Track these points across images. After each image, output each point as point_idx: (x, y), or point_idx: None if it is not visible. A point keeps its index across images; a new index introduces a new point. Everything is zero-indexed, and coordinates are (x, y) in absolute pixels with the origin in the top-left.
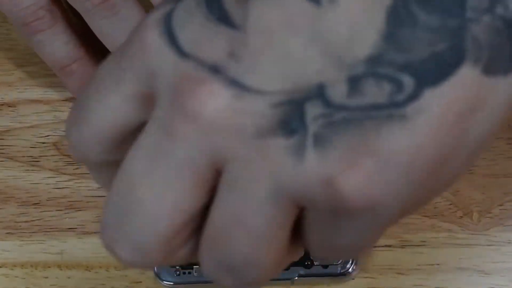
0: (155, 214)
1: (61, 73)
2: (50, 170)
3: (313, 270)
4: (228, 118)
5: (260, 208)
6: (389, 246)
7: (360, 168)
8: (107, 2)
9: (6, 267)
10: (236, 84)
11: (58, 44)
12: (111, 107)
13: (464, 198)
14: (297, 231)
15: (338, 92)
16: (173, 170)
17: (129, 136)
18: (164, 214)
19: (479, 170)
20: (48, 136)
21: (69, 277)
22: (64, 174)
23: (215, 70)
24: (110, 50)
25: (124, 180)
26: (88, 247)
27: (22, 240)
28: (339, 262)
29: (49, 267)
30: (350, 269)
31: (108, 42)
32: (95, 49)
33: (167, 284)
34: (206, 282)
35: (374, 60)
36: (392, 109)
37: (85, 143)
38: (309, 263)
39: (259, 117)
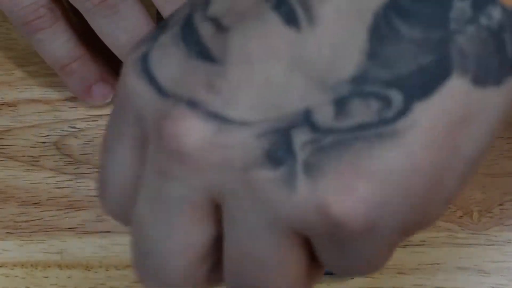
0: (168, 253)
1: (61, 72)
2: (50, 169)
3: None
4: (212, 153)
5: (263, 240)
6: None
7: (353, 191)
8: (107, 1)
9: (6, 266)
10: (216, 117)
11: (58, 43)
12: (121, 161)
13: (464, 197)
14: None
15: (324, 115)
16: (173, 209)
17: None
18: (176, 252)
19: (479, 169)
20: (48, 135)
21: (69, 277)
22: (64, 173)
23: (193, 104)
24: (111, 49)
25: (135, 224)
26: (88, 247)
27: (22, 240)
28: None
29: (49, 266)
30: None
31: (108, 41)
32: (95, 48)
33: None
34: None
35: (359, 79)
36: (382, 126)
37: (116, 207)
38: None
39: (244, 150)
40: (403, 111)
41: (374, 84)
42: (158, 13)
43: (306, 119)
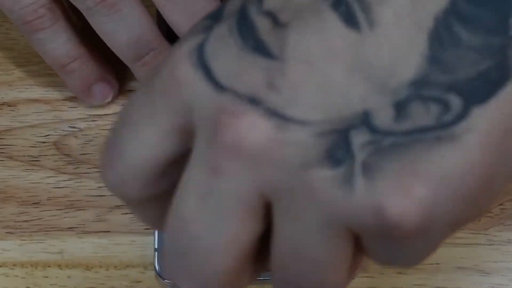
0: (211, 250)
1: (61, 71)
2: (50, 169)
3: None
4: (270, 151)
5: (316, 238)
6: None
7: (411, 193)
8: (108, 0)
9: (6, 266)
10: (276, 115)
11: (58, 42)
12: (147, 142)
13: None
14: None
15: (384, 118)
16: (223, 206)
17: (168, 169)
18: (220, 249)
19: None
20: (48, 135)
21: (69, 277)
22: (64, 173)
23: (254, 102)
24: (111, 48)
25: (177, 220)
26: (88, 247)
27: (22, 240)
28: None
29: (49, 266)
30: None
31: (108, 40)
32: (95, 48)
33: (168, 283)
34: None
35: (419, 83)
36: (441, 130)
37: (124, 182)
38: None
39: (303, 148)
40: (462, 115)
41: (433, 88)
42: (158, 12)
43: (365, 120)
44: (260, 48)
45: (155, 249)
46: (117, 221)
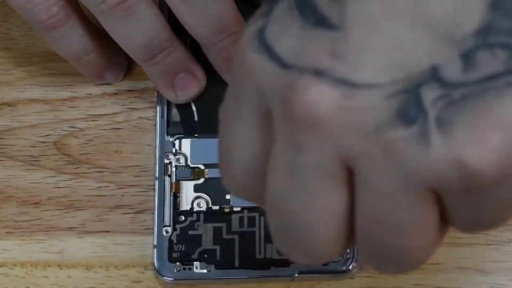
0: (307, 224)
1: (76, 63)
2: (50, 169)
3: (313, 267)
4: (343, 118)
5: (398, 202)
6: None
7: (487, 142)
8: (123, 4)
9: (6, 266)
10: (344, 82)
11: (73, 38)
12: (246, 140)
13: None
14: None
15: (452, 70)
16: (310, 179)
17: None
18: (317, 222)
19: None
20: (48, 135)
21: (69, 276)
22: (64, 173)
23: (318, 73)
24: (123, 49)
25: (272, 198)
26: (88, 247)
27: (22, 240)
28: (339, 260)
29: (49, 266)
30: (350, 267)
31: (122, 42)
32: (110, 38)
33: (167, 280)
34: (206, 278)
35: (484, 31)
36: (510, 75)
37: (244, 185)
38: None
39: (374, 112)
40: None
41: (499, 34)
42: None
43: (434, 75)
44: (320, 22)
45: (154, 246)
46: (117, 221)
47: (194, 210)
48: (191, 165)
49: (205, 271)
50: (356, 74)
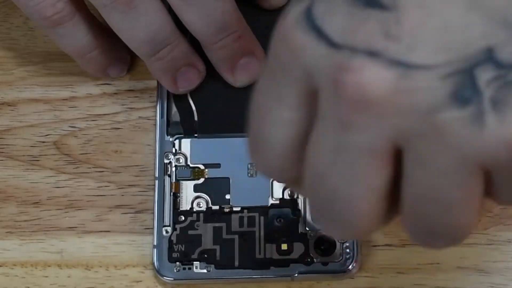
0: (350, 200)
1: (80, 60)
2: (50, 169)
3: (313, 267)
4: (396, 99)
5: (450, 180)
6: (390, 245)
7: None
8: None
9: (6, 266)
10: (398, 64)
11: (78, 35)
12: (284, 123)
13: None
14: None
15: (507, 51)
16: (356, 158)
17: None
18: (357, 198)
19: None
20: (48, 135)
21: (69, 276)
22: (64, 173)
23: (372, 54)
24: (127, 44)
25: (313, 176)
26: (88, 246)
27: (22, 239)
28: (339, 260)
29: (49, 266)
30: (350, 266)
31: (125, 37)
32: (114, 34)
33: (167, 280)
34: (205, 278)
35: None
36: None
37: (276, 167)
38: (309, 260)
39: (429, 93)
40: None
41: None
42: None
43: (489, 56)
44: (371, 2)
45: (154, 246)
46: (117, 221)
47: (194, 210)
48: (191, 165)
49: (205, 271)
50: (411, 55)
